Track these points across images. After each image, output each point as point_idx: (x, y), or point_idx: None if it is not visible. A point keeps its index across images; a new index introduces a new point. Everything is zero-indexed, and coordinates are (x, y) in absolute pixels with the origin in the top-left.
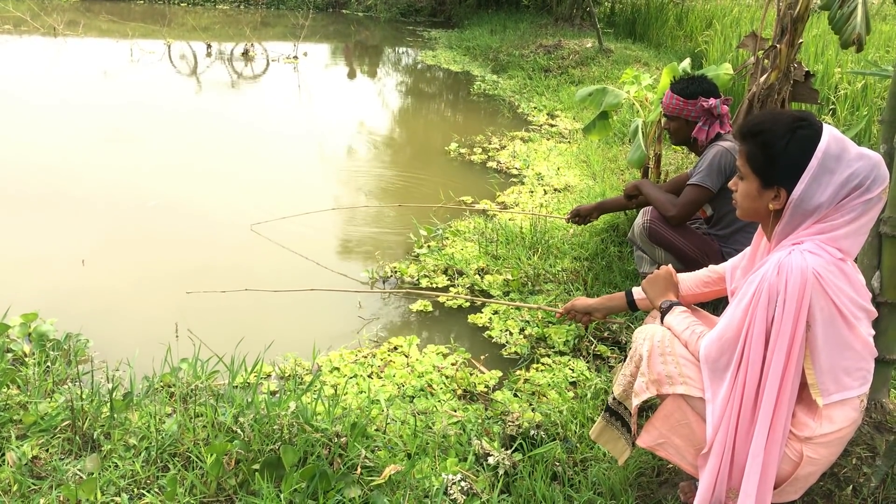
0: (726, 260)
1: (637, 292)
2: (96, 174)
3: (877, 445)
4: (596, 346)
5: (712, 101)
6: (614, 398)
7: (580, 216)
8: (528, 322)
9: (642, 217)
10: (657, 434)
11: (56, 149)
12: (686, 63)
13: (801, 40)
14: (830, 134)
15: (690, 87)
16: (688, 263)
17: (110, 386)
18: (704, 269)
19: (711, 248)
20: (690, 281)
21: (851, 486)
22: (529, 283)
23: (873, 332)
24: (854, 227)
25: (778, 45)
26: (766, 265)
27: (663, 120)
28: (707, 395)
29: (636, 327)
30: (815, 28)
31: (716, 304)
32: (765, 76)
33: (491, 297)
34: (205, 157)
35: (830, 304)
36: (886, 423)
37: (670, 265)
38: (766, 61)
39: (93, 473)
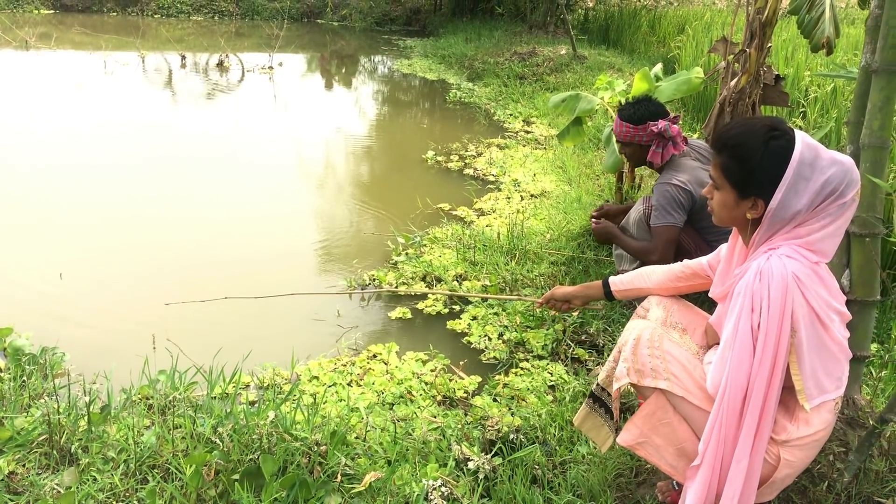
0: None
1: (613, 282)
2: (71, 188)
3: (849, 441)
4: (574, 350)
5: (661, 123)
6: (598, 384)
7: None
8: (506, 327)
9: (643, 204)
10: (638, 433)
11: (29, 162)
12: (658, 68)
13: (770, 44)
14: (803, 141)
15: (638, 112)
16: (680, 253)
17: (87, 399)
18: (678, 263)
19: (704, 240)
20: (664, 275)
21: (826, 482)
22: (507, 289)
23: (848, 335)
24: (829, 230)
25: (748, 50)
26: (747, 274)
27: (618, 146)
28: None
29: (614, 330)
30: (785, 32)
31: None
32: (735, 80)
33: (470, 303)
34: (181, 168)
35: (809, 307)
36: (858, 419)
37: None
38: (736, 65)
39: (71, 487)
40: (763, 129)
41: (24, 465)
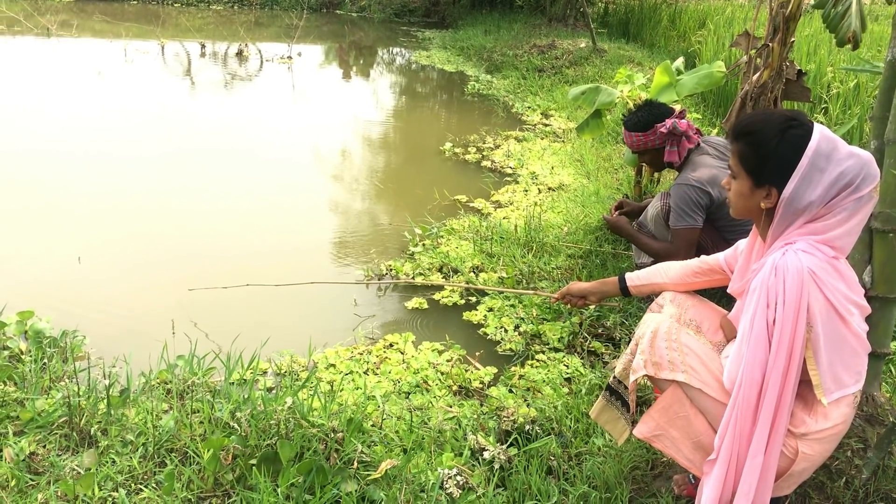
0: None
1: (630, 278)
2: (91, 174)
3: (868, 438)
4: (590, 343)
5: (668, 122)
6: (615, 377)
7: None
8: (522, 319)
9: (661, 200)
10: (654, 425)
11: (51, 147)
12: (679, 62)
13: (793, 39)
14: (821, 133)
15: (642, 119)
16: (698, 251)
17: (107, 382)
18: (695, 259)
19: (722, 238)
20: (681, 271)
21: (844, 479)
22: (524, 281)
23: (867, 328)
24: (847, 227)
25: (770, 44)
26: (763, 270)
27: (637, 157)
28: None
29: (630, 324)
30: (808, 27)
31: (711, 294)
32: (757, 74)
33: (486, 294)
34: (199, 157)
35: (827, 302)
36: (878, 416)
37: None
38: (758, 60)
39: (90, 469)
40: (781, 119)
41: (44, 446)
